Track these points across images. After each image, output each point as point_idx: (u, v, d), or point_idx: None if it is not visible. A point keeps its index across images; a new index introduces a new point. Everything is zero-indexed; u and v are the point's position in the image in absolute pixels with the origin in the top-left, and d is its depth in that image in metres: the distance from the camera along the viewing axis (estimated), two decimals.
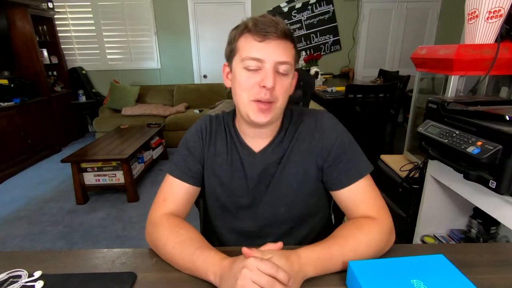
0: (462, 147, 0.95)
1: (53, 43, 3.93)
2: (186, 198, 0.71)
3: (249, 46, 0.61)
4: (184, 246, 0.59)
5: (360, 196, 0.67)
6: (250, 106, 0.64)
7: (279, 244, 0.54)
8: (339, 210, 0.74)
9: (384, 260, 0.54)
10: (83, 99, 4.22)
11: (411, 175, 1.50)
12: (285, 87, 0.64)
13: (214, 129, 0.75)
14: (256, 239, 0.75)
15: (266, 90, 0.61)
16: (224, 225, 0.79)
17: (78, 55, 4.30)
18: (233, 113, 0.77)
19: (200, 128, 0.75)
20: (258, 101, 0.62)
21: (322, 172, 0.71)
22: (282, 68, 0.62)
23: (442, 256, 0.55)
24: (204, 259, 0.55)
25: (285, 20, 4.27)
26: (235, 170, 0.73)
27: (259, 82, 0.61)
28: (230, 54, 0.66)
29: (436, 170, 1.30)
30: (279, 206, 0.73)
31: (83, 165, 2.37)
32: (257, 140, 0.73)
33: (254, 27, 0.60)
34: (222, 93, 4.16)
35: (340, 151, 0.69)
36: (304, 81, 0.95)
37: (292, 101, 0.95)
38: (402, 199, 1.56)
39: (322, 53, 4.35)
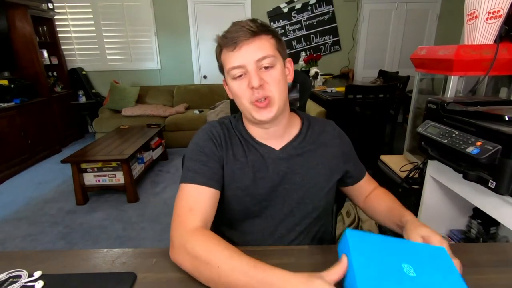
0: (462, 147, 0.95)
1: (53, 43, 3.93)
2: (213, 205, 0.67)
3: (228, 59, 0.66)
4: (232, 263, 0.51)
5: (371, 182, 0.87)
6: (251, 107, 0.67)
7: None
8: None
9: (383, 237, 0.51)
10: (83, 99, 4.22)
11: (410, 175, 1.50)
12: (275, 78, 0.66)
13: (227, 134, 0.74)
14: (278, 237, 0.75)
15: (256, 89, 0.64)
16: (244, 227, 0.77)
17: (78, 55, 4.30)
18: (240, 118, 0.78)
19: (211, 134, 0.73)
20: (255, 102, 0.66)
21: (345, 172, 0.81)
22: (265, 63, 0.65)
23: (443, 250, 0.52)
24: (264, 276, 0.48)
25: (285, 21, 4.30)
26: (258, 170, 0.72)
27: (248, 85, 0.65)
28: (221, 69, 0.71)
29: (436, 171, 1.30)
30: (306, 199, 0.74)
31: (83, 165, 2.37)
32: (272, 141, 0.74)
33: (225, 41, 0.65)
34: (222, 93, 4.16)
35: (352, 154, 0.83)
36: (300, 82, 0.95)
37: (289, 103, 0.96)
38: (402, 199, 1.55)
39: (322, 54, 4.35)
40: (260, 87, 0.64)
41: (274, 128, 0.72)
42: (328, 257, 0.64)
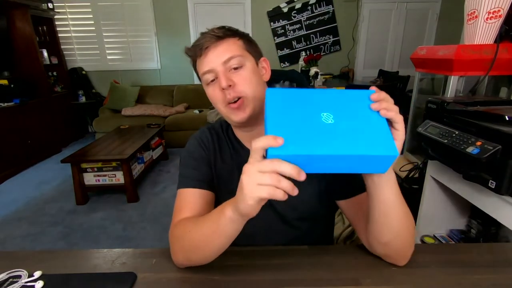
0: (462, 147, 0.95)
1: (53, 43, 3.93)
2: (204, 204, 0.68)
3: (200, 66, 0.67)
4: (198, 223, 0.57)
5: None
6: (226, 110, 0.67)
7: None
8: None
9: (307, 90, 0.46)
10: (83, 99, 4.22)
11: (410, 175, 1.50)
12: (245, 78, 0.65)
13: (216, 139, 0.76)
14: (269, 240, 0.74)
15: (226, 91, 0.64)
16: None
17: (78, 55, 4.30)
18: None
19: (201, 140, 0.75)
20: (229, 104, 0.65)
21: (335, 176, 0.69)
22: (233, 63, 0.64)
23: (367, 93, 0.46)
24: (217, 208, 0.53)
25: (285, 21, 4.29)
26: None
27: (219, 88, 0.64)
28: (199, 79, 0.71)
29: (436, 170, 1.30)
30: (296, 206, 0.72)
31: (83, 165, 2.37)
32: None
33: (192, 50, 0.67)
34: None
35: None
36: (297, 82, 0.95)
37: None
38: None
39: (322, 54, 4.34)
40: (230, 88, 0.63)
41: (257, 130, 0.72)
42: (328, 257, 0.64)
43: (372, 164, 0.43)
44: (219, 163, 0.74)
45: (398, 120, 0.46)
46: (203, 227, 0.55)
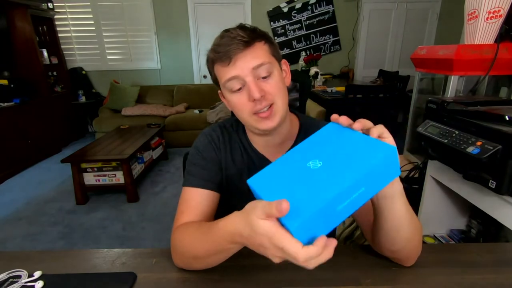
0: (462, 147, 0.95)
1: (53, 43, 3.93)
2: (209, 206, 0.67)
3: (222, 73, 0.62)
4: (201, 237, 0.55)
5: None
6: (253, 119, 0.64)
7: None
8: None
9: (280, 159, 0.49)
10: (83, 99, 4.22)
11: (411, 175, 1.50)
12: (274, 86, 0.62)
13: (227, 139, 0.74)
14: None
15: (257, 101, 0.61)
16: None
17: (78, 55, 4.30)
18: (242, 124, 0.76)
19: (211, 138, 0.74)
20: (257, 113, 0.63)
21: None
22: (262, 71, 0.61)
23: (333, 124, 0.50)
24: (219, 231, 0.51)
25: (285, 20, 4.29)
26: None
27: (249, 98, 0.61)
28: (216, 82, 0.68)
29: (436, 170, 1.30)
30: None
31: (83, 165, 2.37)
32: (270, 149, 0.73)
33: (217, 56, 0.61)
34: None
35: None
36: (300, 82, 0.95)
37: (289, 103, 0.95)
38: None
39: (322, 53, 4.35)
40: (262, 98, 0.61)
41: (273, 137, 0.71)
42: None
43: (381, 174, 0.41)
44: (230, 165, 0.72)
45: (381, 130, 0.48)
46: (207, 244, 0.53)
